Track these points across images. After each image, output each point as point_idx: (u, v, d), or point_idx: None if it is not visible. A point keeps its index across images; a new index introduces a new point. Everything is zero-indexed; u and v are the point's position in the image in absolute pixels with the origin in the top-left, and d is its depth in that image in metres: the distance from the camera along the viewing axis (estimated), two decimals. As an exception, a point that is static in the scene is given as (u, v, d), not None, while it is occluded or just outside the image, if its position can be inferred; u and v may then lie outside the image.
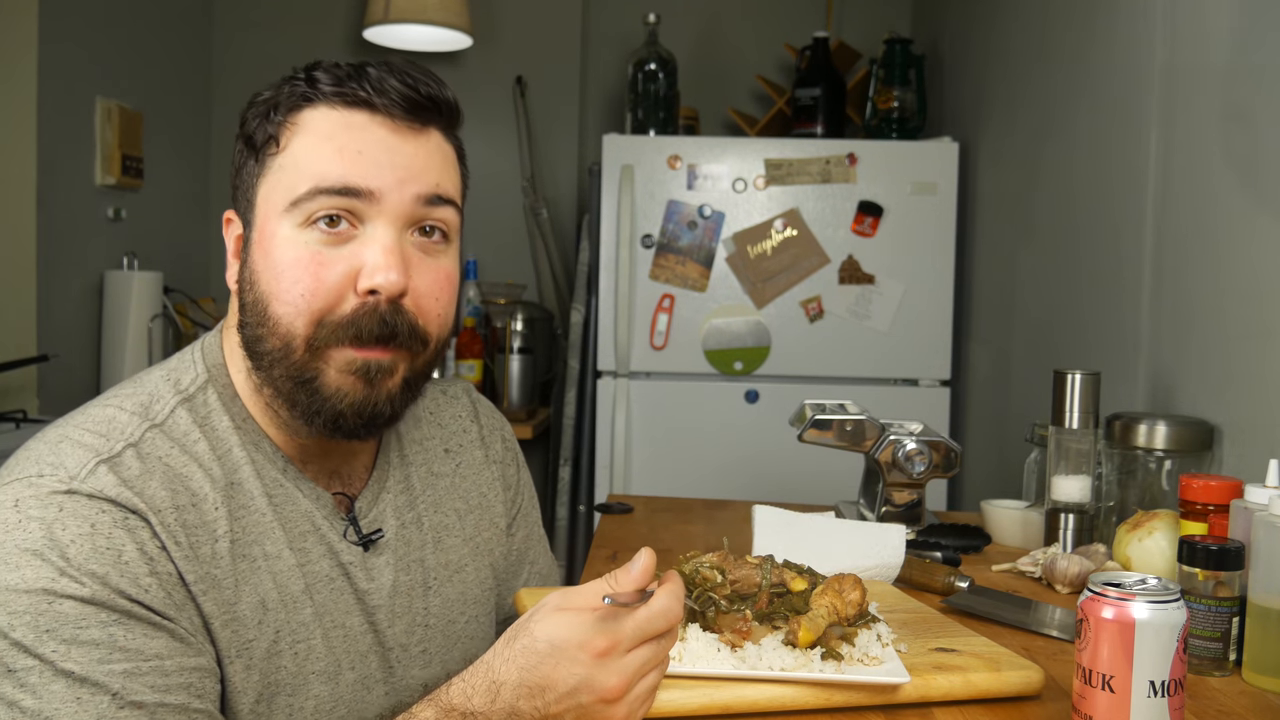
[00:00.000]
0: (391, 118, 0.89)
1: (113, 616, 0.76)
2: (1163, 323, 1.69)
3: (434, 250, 0.91)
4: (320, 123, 0.88)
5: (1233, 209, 1.48)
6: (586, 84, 3.54)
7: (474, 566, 1.06)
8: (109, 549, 0.77)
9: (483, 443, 1.12)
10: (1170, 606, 0.79)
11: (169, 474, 0.83)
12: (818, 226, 2.73)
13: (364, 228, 0.87)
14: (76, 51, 2.62)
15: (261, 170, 0.89)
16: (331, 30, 3.42)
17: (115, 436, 0.83)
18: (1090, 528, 1.43)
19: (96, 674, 0.75)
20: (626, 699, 0.78)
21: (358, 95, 0.88)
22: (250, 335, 0.89)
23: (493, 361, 3.15)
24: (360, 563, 0.94)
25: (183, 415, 0.87)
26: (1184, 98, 1.64)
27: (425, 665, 0.99)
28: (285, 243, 0.86)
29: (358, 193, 0.86)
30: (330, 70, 0.89)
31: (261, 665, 0.85)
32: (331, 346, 0.87)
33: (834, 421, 1.53)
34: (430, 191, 0.89)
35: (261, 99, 0.90)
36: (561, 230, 3.49)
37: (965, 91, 2.87)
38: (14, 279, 2.50)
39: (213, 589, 0.82)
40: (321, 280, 0.86)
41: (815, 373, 2.75)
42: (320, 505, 0.93)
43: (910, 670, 0.92)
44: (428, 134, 0.91)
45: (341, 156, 0.86)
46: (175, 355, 0.95)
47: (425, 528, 1.01)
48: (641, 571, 0.78)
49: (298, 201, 0.86)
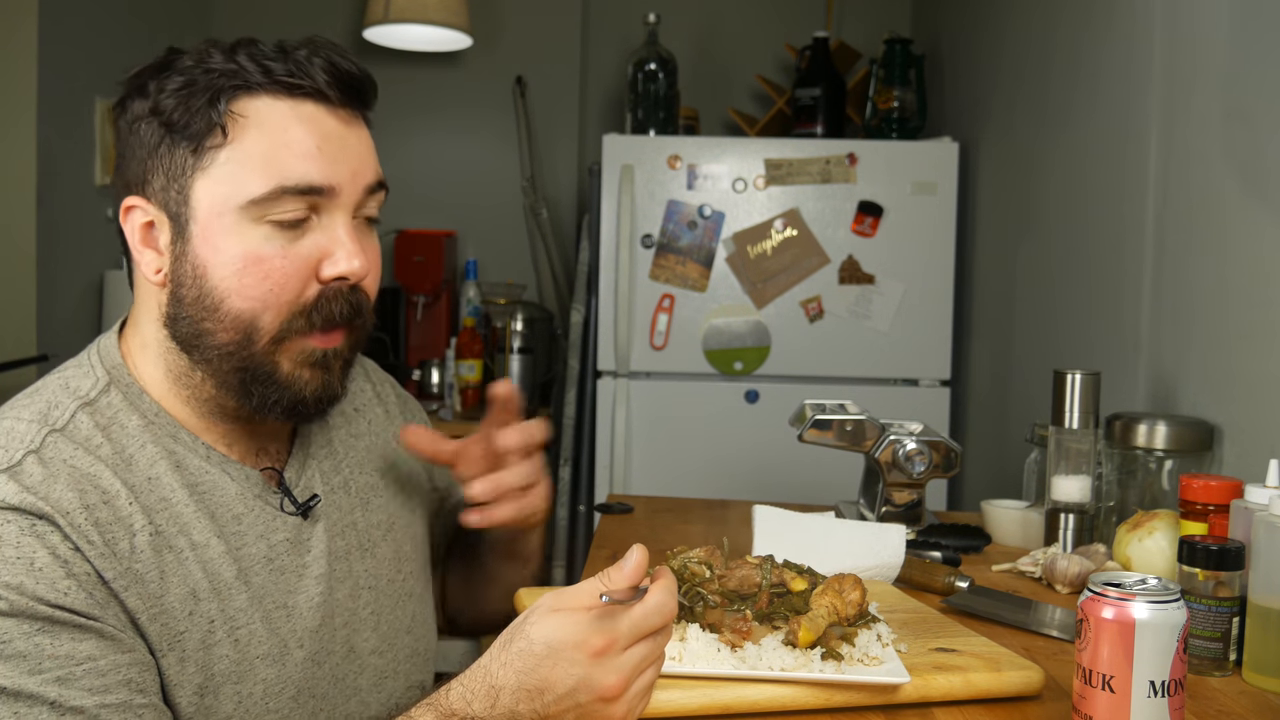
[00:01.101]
0: (335, 107, 0.90)
1: (35, 625, 0.75)
2: (1163, 323, 1.69)
3: (368, 231, 0.94)
4: (270, 114, 0.87)
5: (1233, 209, 1.48)
6: (586, 84, 3.54)
7: (403, 522, 1.07)
8: (19, 558, 0.76)
9: (379, 399, 1.14)
10: (1170, 606, 0.79)
11: (75, 475, 0.81)
12: (818, 226, 2.73)
13: (319, 218, 0.89)
14: (76, 51, 2.62)
15: (201, 162, 0.86)
16: (331, 30, 3.42)
17: (14, 446, 0.81)
18: (1090, 528, 1.43)
19: (29, 686, 0.74)
20: (625, 696, 0.78)
21: (303, 85, 0.88)
22: (191, 329, 0.87)
23: (493, 361, 3.15)
24: (296, 536, 0.94)
25: (83, 420, 0.86)
26: (1184, 98, 1.64)
27: (375, 627, 1.00)
28: (239, 238, 0.86)
29: (320, 190, 0.87)
30: (249, 48, 0.88)
31: (197, 657, 0.84)
32: (295, 336, 0.88)
33: (834, 421, 1.53)
34: (374, 180, 0.93)
35: (177, 81, 0.86)
36: (561, 230, 3.49)
37: (965, 91, 2.87)
38: (14, 279, 2.49)
39: (135, 584, 0.81)
40: (286, 273, 0.87)
41: (815, 373, 2.75)
42: (251, 484, 0.93)
43: (910, 670, 0.92)
44: (361, 120, 0.94)
45: (302, 155, 0.87)
46: (70, 361, 0.93)
47: (353, 490, 1.03)
48: (635, 568, 0.78)
49: (257, 201, 0.85)
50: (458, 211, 3.46)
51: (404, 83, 3.41)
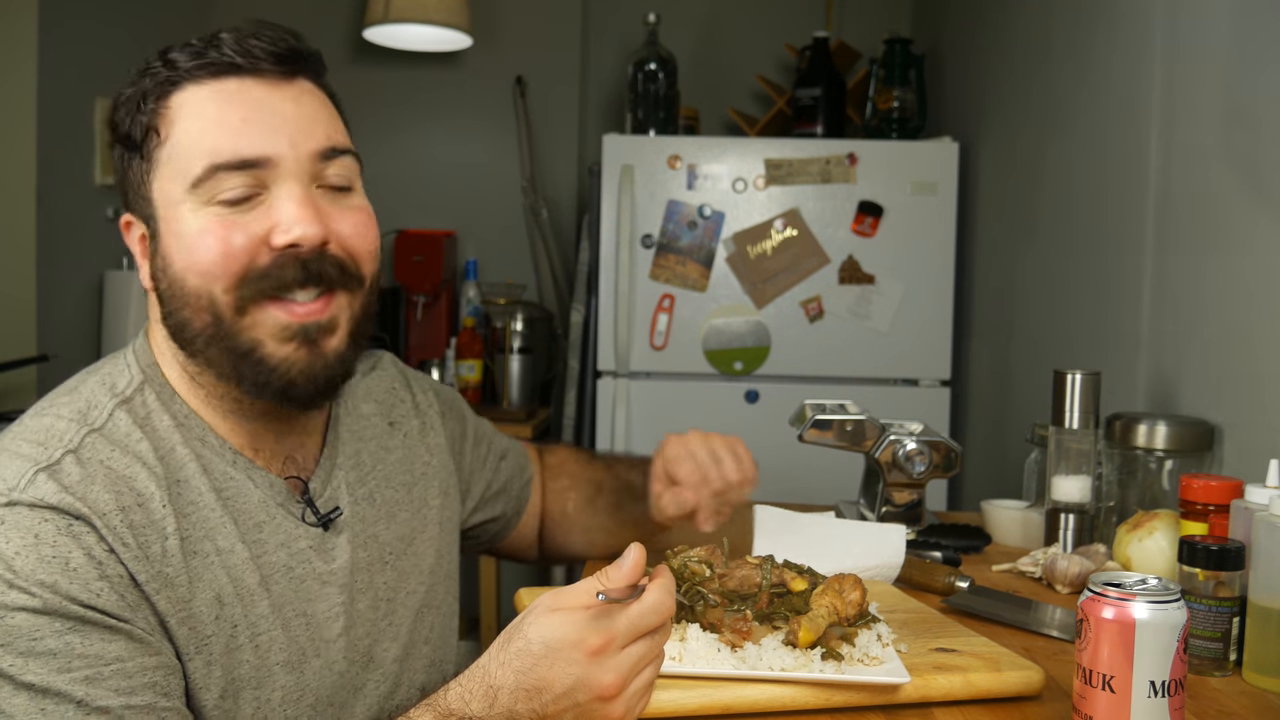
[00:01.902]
0: (261, 75, 0.89)
1: (67, 624, 0.76)
2: (1163, 323, 1.68)
3: (340, 198, 0.92)
4: (194, 101, 0.87)
5: (1233, 209, 1.48)
6: (586, 84, 3.54)
7: (424, 537, 1.07)
8: (55, 557, 0.76)
9: (417, 410, 1.13)
10: (1170, 606, 0.79)
11: (111, 477, 0.82)
12: (818, 226, 2.73)
13: (269, 191, 0.87)
14: (76, 51, 2.62)
15: (150, 165, 0.88)
16: (331, 30, 3.42)
17: (53, 445, 0.82)
18: (1090, 528, 1.43)
19: (58, 683, 0.74)
20: (624, 696, 0.78)
21: (221, 62, 0.88)
22: (176, 323, 0.88)
23: (493, 361, 3.15)
24: (319, 545, 0.94)
25: (122, 417, 0.86)
26: (1184, 98, 1.64)
27: (395, 637, 1.00)
28: (191, 220, 0.86)
29: (255, 163, 0.86)
30: (184, 48, 0.89)
31: (222, 660, 0.85)
32: (258, 303, 0.87)
33: (834, 422, 1.53)
34: (325, 146, 0.90)
35: (124, 96, 0.89)
36: (561, 230, 3.48)
37: (965, 91, 2.87)
38: (14, 279, 2.50)
39: (166, 588, 0.82)
40: (234, 243, 0.86)
41: (815, 373, 2.75)
42: (274, 492, 0.92)
43: (910, 670, 0.92)
44: (298, 84, 0.92)
45: (228, 127, 0.86)
46: (107, 359, 0.94)
47: (378, 503, 1.02)
48: (632, 567, 0.78)
49: (198, 182, 0.86)
50: (458, 211, 3.46)
51: (404, 83, 3.41)
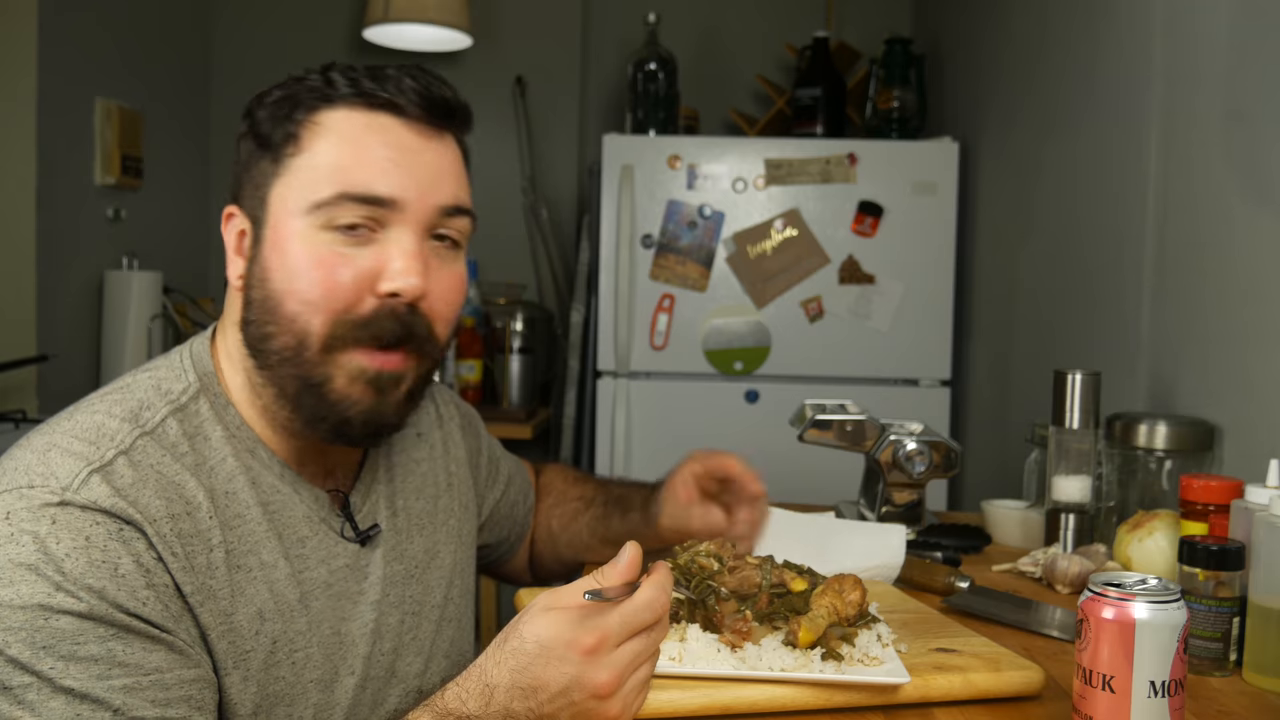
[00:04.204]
0: (413, 121, 0.89)
1: (111, 631, 0.75)
2: (1163, 323, 1.68)
3: (447, 255, 0.92)
4: (343, 123, 0.88)
5: (1233, 209, 1.48)
6: (586, 84, 3.54)
7: (446, 549, 1.07)
8: (105, 562, 0.76)
9: (440, 422, 1.14)
10: (1170, 607, 0.79)
11: (162, 482, 0.82)
12: (818, 226, 2.73)
13: (384, 231, 0.87)
14: (76, 51, 2.62)
15: (278, 169, 0.88)
16: (331, 30, 3.42)
17: (105, 444, 0.81)
18: (1090, 528, 1.43)
19: (96, 690, 0.74)
20: (619, 694, 0.78)
21: (380, 96, 0.88)
22: (257, 333, 0.88)
23: (493, 361, 3.15)
24: (355, 562, 0.94)
25: (173, 425, 0.86)
26: (1184, 98, 1.64)
27: (418, 651, 1.00)
28: (303, 242, 0.86)
29: (383, 202, 0.86)
30: (346, 71, 0.89)
31: (259, 676, 0.85)
32: (347, 348, 0.87)
33: (834, 422, 1.53)
34: (450, 203, 0.90)
35: (274, 97, 0.90)
36: (561, 230, 3.48)
37: (965, 91, 2.87)
38: (14, 279, 2.49)
39: (209, 600, 0.82)
40: (340, 280, 0.86)
41: (815, 373, 2.75)
42: (318, 505, 0.93)
43: (910, 670, 0.92)
44: (445, 139, 0.92)
45: (368, 162, 0.86)
46: (161, 358, 0.93)
47: (409, 516, 1.03)
48: (628, 565, 0.78)
49: (321, 205, 0.86)
50: (458, 211, 3.45)
51: (404, 83, 3.40)
